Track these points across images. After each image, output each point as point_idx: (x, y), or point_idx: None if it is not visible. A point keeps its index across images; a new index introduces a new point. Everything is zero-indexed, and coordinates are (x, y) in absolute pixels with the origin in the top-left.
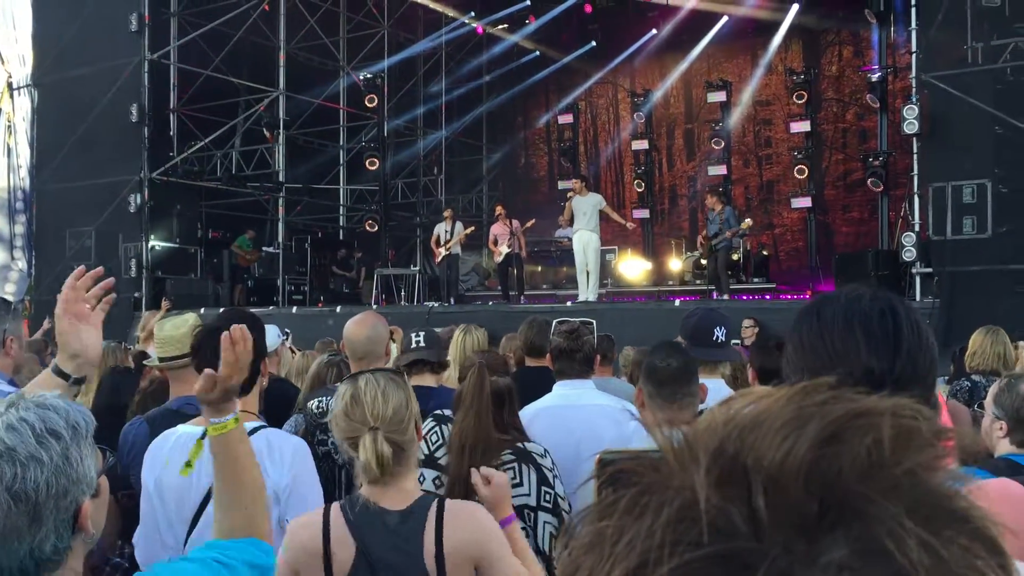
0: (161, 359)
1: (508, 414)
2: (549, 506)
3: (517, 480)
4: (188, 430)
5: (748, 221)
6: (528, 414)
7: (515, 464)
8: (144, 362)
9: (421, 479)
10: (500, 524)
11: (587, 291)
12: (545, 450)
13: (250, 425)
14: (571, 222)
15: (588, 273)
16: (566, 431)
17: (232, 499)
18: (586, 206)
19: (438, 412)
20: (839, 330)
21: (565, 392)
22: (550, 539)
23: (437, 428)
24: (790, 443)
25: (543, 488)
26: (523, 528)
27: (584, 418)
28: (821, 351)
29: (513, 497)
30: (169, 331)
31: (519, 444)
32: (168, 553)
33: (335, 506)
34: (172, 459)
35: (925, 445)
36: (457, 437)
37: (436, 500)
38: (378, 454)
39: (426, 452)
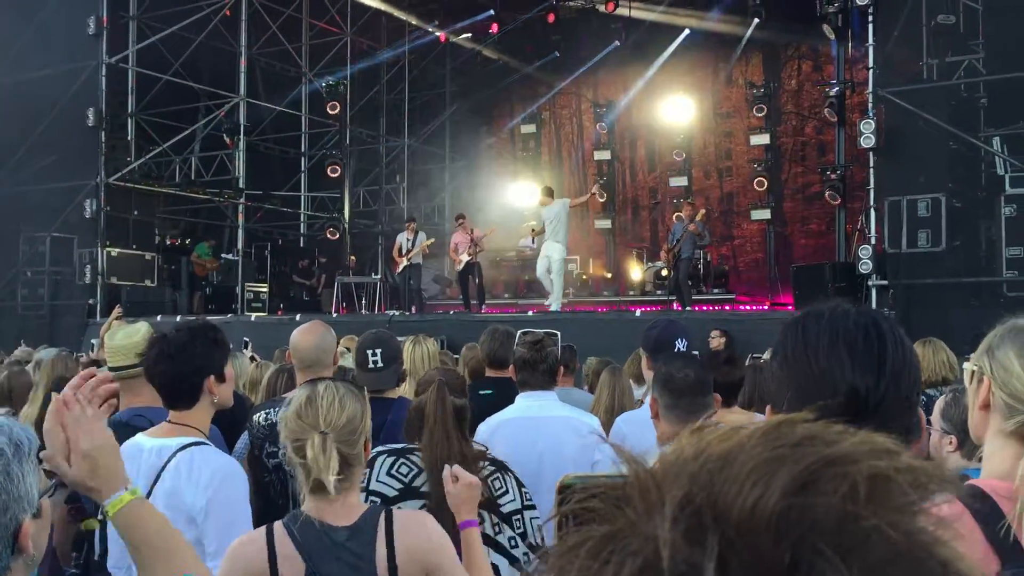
0: (112, 368)
1: (464, 433)
2: (532, 503)
3: (504, 489)
4: (135, 441)
5: (702, 212)
6: (491, 426)
7: (498, 474)
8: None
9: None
10: (462, 526)
11: (552, 300)
12: (506, 460)
13: (183, 440)
14: (544, 232)
15: (552, 283)
16: (529, 443)
17: (163, 572)
18: (551, 215)
19: (383, 448)
20: (824, 348)
21: (528, 404)
22: (538, 530)
23: (403, 460)
24: (760, 490)
25: (522, 490)
26: (515, 535)
27: (547, 430)
28: (806, 368)
29: (504, 505)
30: (120, 340)
31: (490, 455)
32: (115, 571)
33: (278, 524)
34: None
35: (903, 493)
36: (430, 456)
37: (384, 511)
38: (327, 457)
39: (400, 486)
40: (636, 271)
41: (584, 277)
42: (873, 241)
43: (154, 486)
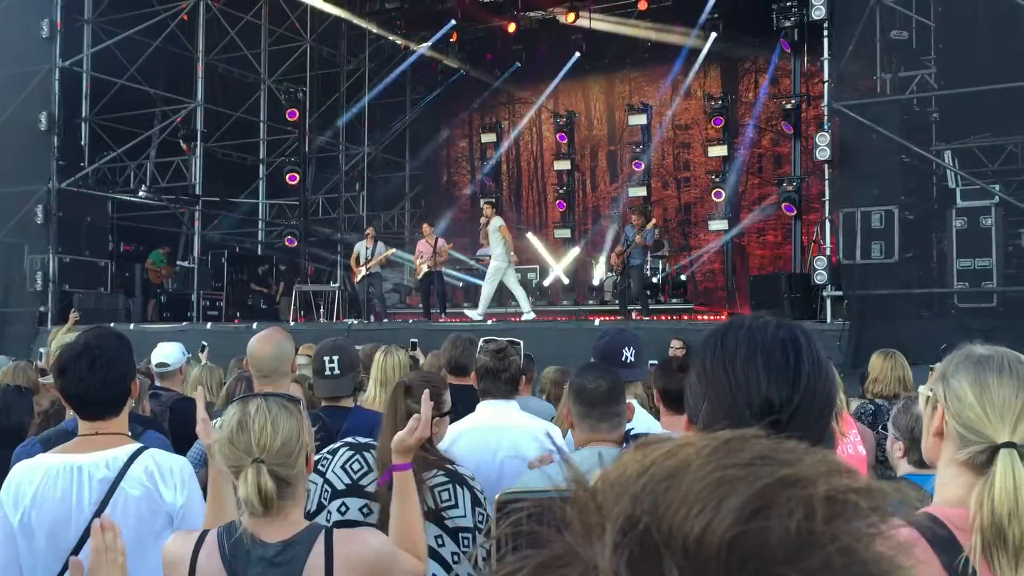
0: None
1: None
2: (484, 527)
3: (452, 502)
4: (63, 460)
5: (652, 222)
6: (452, 433)
7: (449, 486)
8: (41, 381)
9: (344, 508)
10: (394, 468)
11: (474, 312)
12: (472, 474)
13: (130, 449)
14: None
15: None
16: (490, 452)
17: None
18: (491, 229)
19: (351, 440)
20: (741, 360)
21: (489, 412)
22: (487, 557)
23: (358, 456)
24: (710, 515)
25: (476, 509)
26: (460, 552)
27: (508, 439)
28: (723, 380)
29: (449, 519)
30: None
31: (449, 466)
32: None
33: (211, 533)
34: (43, 493)
35: (861, 515)
36: (381, 456)
37: (324, 530)
38: (260, 489)
39: (348, 481)
40: (595, 280)
41: (545, 285)
42: (828, 252)
43: (109, 497)
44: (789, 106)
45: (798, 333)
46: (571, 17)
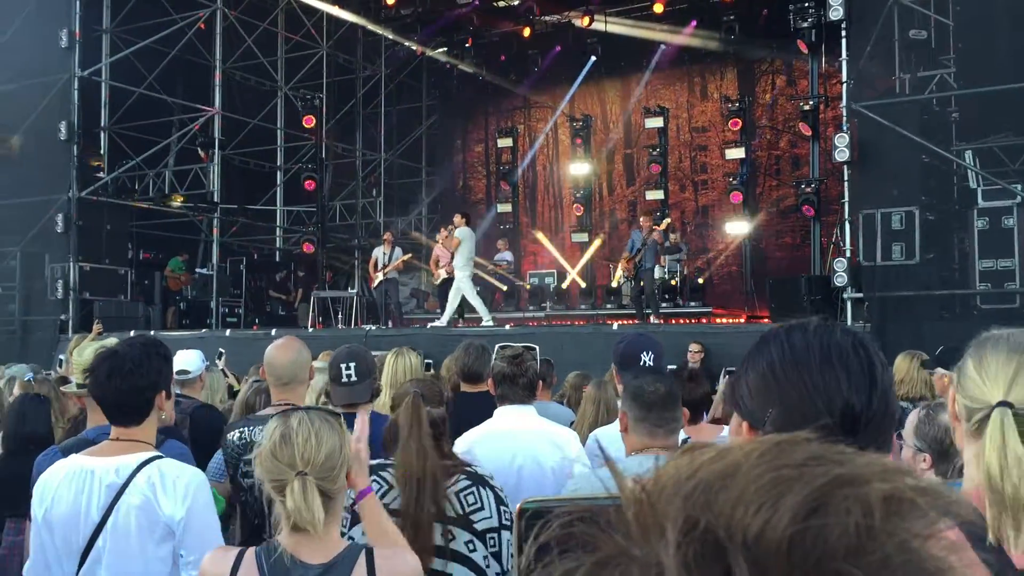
0: (80, 386)
1: (446, 444)
2: (509, 524)
3: (478, 504)
4: (80, 463)
5: (667, 222)
6: (469, 440)
7: (473, 489)
8: (62, 388)
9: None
10: (360, 494)
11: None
12: (491, 473)
13: (142, 456)
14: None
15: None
16: (508, 457)
17: None
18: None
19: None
20: (817, 363)
21: (507, 417)
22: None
23: (375, 477)
24: (768, 513)
25: (501, 508)
26: (489, 553)
27: (526, 444)
28: (798, 384)
29: (478, 521)
30: (89, 357)
31: (469, 468)
32: None
33: (250, 552)
34: (60, 494)
35: (919, 514)
36: (403, 471)
37: (364, 550)
38: (309, 503)
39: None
40: (614, 284)
41: (563, 288)
42: (848, 254)
43: (115, 503)
44: (807, 107)
45: (863, 336)
46: (586, 21)
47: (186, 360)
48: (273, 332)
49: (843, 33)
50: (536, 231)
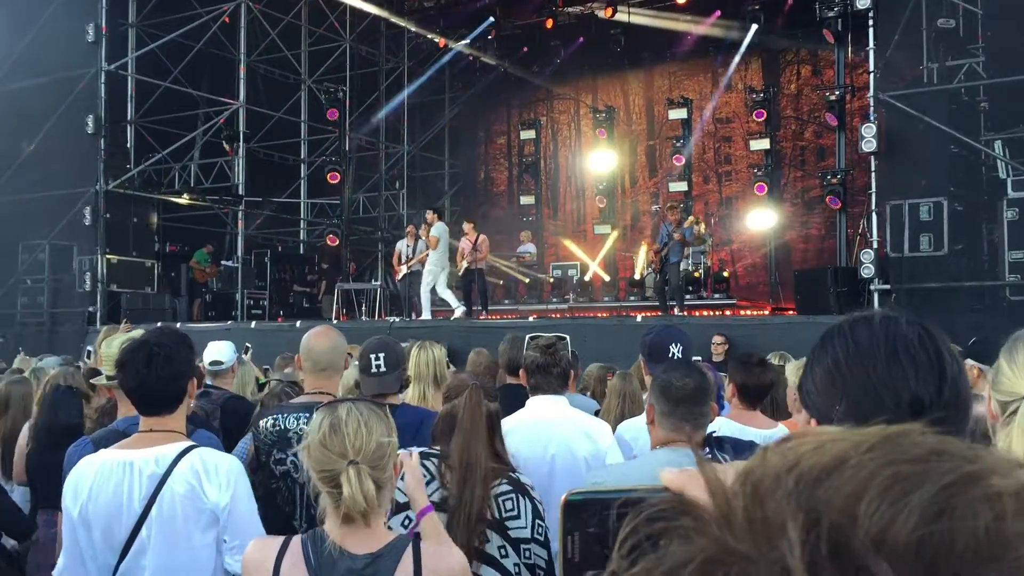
0: (110, 378)
1: (498, 440)
2: (541, 539)
3: (515, 512)
4: (116, 456)
5: (691, 219)
6: (503, 428)
7: (513, 496)
8: (92, 380)
9: (408, 522)
10: (421, 513)
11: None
12: (532, 483)
13: (180, 446)
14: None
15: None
16: (541, 447)
17: None
18: (431, 235)
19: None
20: (883, 356)
21: (540, 407)
22: (534, 568)
23: (420, 465)
24: (894, 512)
25: (536, 521)
26: (522, 563)
27: (559, 434)
28: (862, 377)
29: (513, 529)
30: (117, 350)
31: (512, 474)
32: None
33: (296, 541)
34: (98, 488)
35: None
36: (460, 461)
37: (411, 543)
38: (364, 492)
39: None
40: (636, 276)
41: (586, 280)
42: (875, 245)
43: (157, 493)
44: (833, 97)
45: (929, 326)
46: (609, 12)
47: (219, 351)
48: (298, 324)
49: (870, 22)
50: (566, 239)
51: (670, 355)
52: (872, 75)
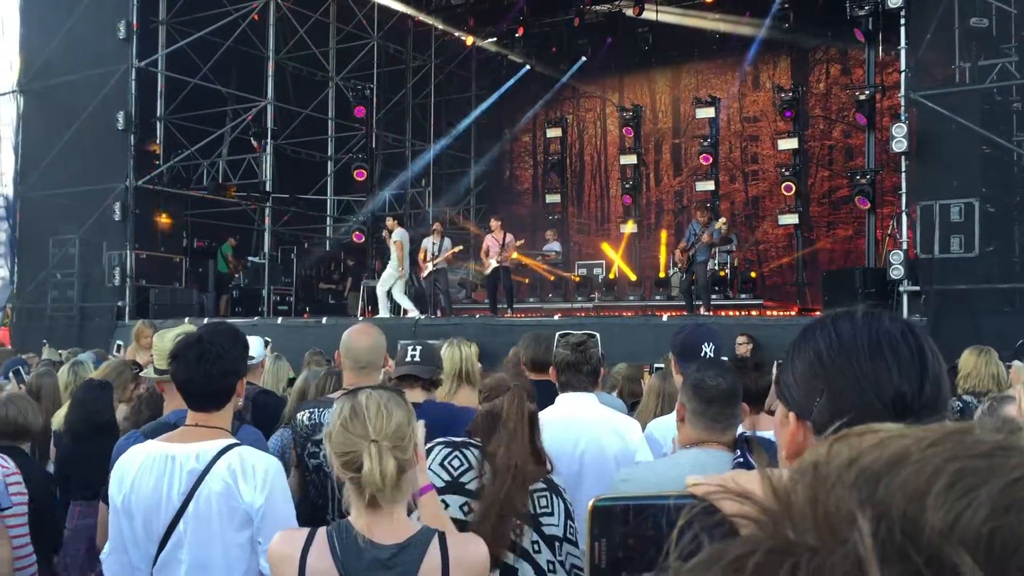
0: (159, 371)
1: (538, 439)
2: (573, 539)
3: (549, 509)
4: (160, 449)
5: (722, 220)
6: None
7: (547, 493)
8: (140, 373)
9: (446, 506)
10: (420, 491)
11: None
12: (564, 484)
13: (222, 443)
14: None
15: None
16: (570, 444)
17: None
18: (392, 241)
19: (444, 439)
20: (866, 350)
21: (569, 404)
22: (571, 569)
23: (456, 453)
24: (962, 506)
25: (568, 522)
26: (556, 561)
27: (589, 431)
28: (847, 372)
29: (546, 525)
30: (171, 343)
31: (549, 476)
32: (136, 572)
33: (321, 532)
34: (141, 480)
35: None
36: (505, 460)
37: (437, 534)
38: (384, 469)
39: (448, 478)
40: (662, 276)
41: (611, 279)
42: (905, 246)
43: (195, 489)
44: (863, 97)
45: (912, 323)
46: (637, 10)
47: (250, 346)
48: (324, 320)
49: (902, 21)
50: (602, 241)
51: (702, 354)
52: (903, 74)
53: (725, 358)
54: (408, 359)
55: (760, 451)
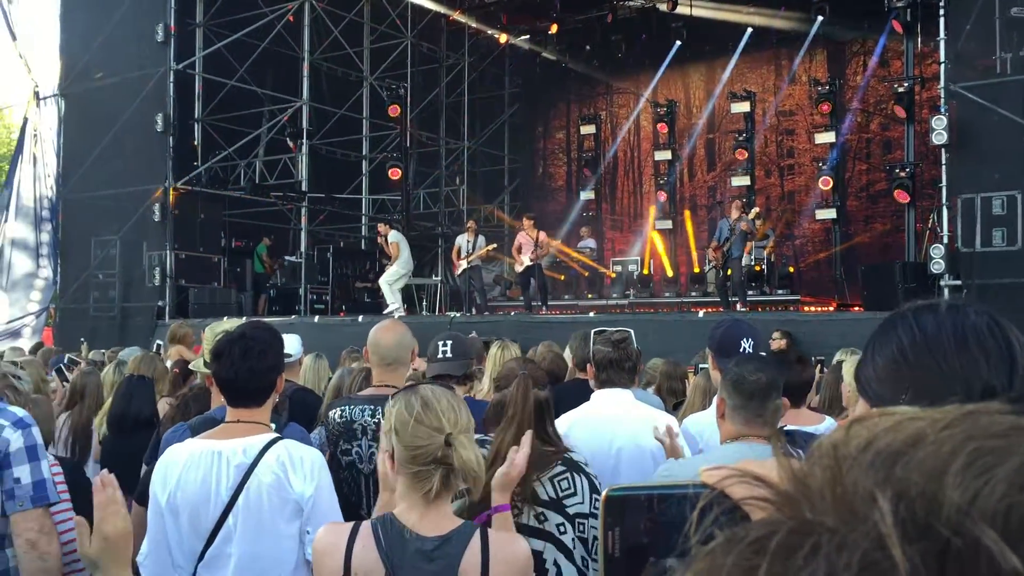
0: (208, 365)
1: (549, 425)
2: (598, 512)
3: (572, 490)
4: (204, 445)
5: (756, 210)
6: (566, 423)
7: (568, 474)
8: (190, 366)
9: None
10: (496, 509)
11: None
12: (586, 460)
13: (267, 437)
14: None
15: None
16: (606, 440)
17: None
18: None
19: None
20: (952, 345)
21: (605, 401)
22: (592, 540)
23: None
24: (980, 483)
25: (593, 495)
26: (577, 537)
27: (625, 428)
28: (931, 367)
29: (571, 506)
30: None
31: (567, 455)
32: (178, 571)
33: (366, 524)
34: (187, 476)
35: None
36: (501, 449)
37: (479, 528)
38: (476, 456)
39: None
40: (697, 272)
41: (646, 275)
42: (945, 240)
43: (244, 483)
44: (901, 89)
45: (997, 315)
46: (670, 5)
47: (288, 344)
48: (360, 318)
49: (941, 12)
50: (653, 232)
51: (741, 350)
52: (943, 66)
53: (763, 353)
54: (440, 355)
55: (780, 446)
